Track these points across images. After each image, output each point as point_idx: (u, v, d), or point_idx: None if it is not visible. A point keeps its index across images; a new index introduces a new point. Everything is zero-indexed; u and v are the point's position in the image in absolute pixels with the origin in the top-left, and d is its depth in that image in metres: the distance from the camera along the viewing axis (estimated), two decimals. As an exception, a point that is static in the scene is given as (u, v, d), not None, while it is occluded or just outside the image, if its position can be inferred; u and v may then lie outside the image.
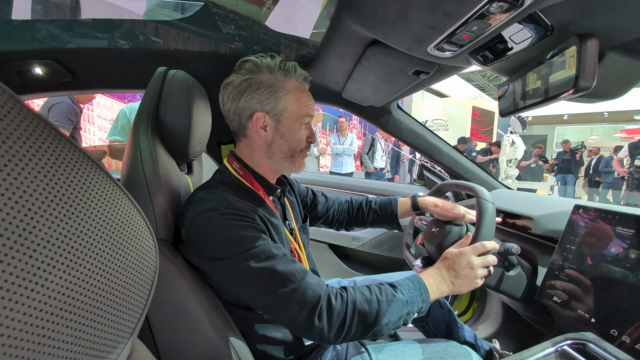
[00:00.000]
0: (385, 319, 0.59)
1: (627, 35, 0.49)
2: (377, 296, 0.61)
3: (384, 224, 1.08)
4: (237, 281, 0.60)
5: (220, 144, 1.30)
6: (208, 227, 0.61)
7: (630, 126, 11.17)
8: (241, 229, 0.61)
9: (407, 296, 0.63)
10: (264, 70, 0.70)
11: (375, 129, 4.62)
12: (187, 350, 0.62)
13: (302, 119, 0.72)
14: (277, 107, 0.69)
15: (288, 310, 0.57)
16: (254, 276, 0.58)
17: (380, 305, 0.60)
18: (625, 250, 0.63)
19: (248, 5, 1.16)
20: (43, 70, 1.07)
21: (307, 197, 1.04)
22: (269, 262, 0.58)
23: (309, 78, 0.75)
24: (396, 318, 0.61)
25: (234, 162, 0.75)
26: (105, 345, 0.29)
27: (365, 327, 0.59)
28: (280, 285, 0.57)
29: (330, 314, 0.57)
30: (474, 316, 1.48)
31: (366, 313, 0.59)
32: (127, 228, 0.32)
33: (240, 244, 0.59)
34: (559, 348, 0.63)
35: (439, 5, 0.52)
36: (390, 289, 0.63)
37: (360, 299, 0.60)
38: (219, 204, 0.62)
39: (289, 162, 0.74)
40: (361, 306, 0.59)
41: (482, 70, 1.77)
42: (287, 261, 0.60)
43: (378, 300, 0.60)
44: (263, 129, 0.71)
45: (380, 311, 0.59)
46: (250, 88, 0.69)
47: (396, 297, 0.62)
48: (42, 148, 0.24)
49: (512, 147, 5.88)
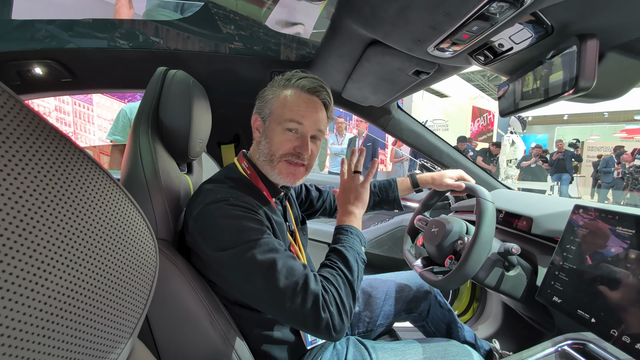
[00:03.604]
0: (354, 275, 0.66)
1: (627, 35, 0.49)
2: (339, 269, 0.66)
3: (385, 205, 1.14)
4: (241, 273, 0.60)
5: (220, 144, 1.30)
6: (216, 217, 0.62)
7: (630, 126, 11.16)
8: (247, 220, 0.62)
9: (348, 244, 0.70)
10: (273, 83, 0.76)
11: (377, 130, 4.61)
12: (187, 350, 0.62)
13: (285, 122, 0.71)
14: (265, 110, 0.74)
15: (292, 305, 0.58)
16: (258, 267, 0.58)
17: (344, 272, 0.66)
18: (625, 250, 0.63)
19: (248, 5, 1.16)
20: (43, 70, 1.07)
21: (301, 193, 1.05)
22: (272, 255, 0.60)
23: (309, 87, 0.72)
24: (356, 267, 0.67)
25: (244, 161, 0.77)
26: (105, 345, 0.29)
27: (353, 296, 0.64)
28: (283, 278, 0.58)
29: (332, 304, 0.60)
30: (474, 316, 1.48)
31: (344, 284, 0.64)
32: (127, 228, 0.32)
33: (246, 234, 0.61)
34: (559, 348, 0.63)
35: (439, 5, 0.52)
36: (334, 253, 0.70)
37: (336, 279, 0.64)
38: (228, 195, 0.65)
39: (269, 166, 0.73)
40: (340, 282, 0.64)
41: (482, 70, 1.77)
42: (288, 256, 0.62)
43: (341, 270, 0.66)
44: (257, 130, 0.76)
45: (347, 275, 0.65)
46: (259, 97, 0.78)
47: (345, 253, 0.68)
48: (42, 148, 0.24)
49: (512, 147, 5.88)
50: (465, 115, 10.31)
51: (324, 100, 0.74)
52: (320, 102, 0.74)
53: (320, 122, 0.73)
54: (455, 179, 1.04)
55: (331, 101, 0.76)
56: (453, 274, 0.82)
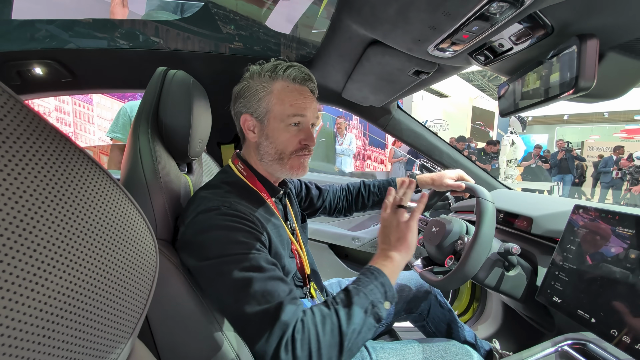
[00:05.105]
0: (352, 324, 0.54)
1: (627, 35, 0.49)
2: (334, 307, 0.56)
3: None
4: (215, 285, 0.57)
5: (220, 144, 1.30)
6: (205, 226, 0.60)
7: (630, 126, 11.16)
8: (237, 232, 0.59)
9: (361, 287, 0.59)
10: (254, 76, 0.72)
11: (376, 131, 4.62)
12: (187, 350, 0.62)
13: (288, 119, 0.69)
14: (259, 108, 0.71)
15: (257, 331, 0.52)
16: (231, 284, 0.55)
17: (339, 314, 0.55)
18: (625, 250, 0.63)
19: (248, 5, 1.16)
20: (43, 70, 1.07)
21: (301, 191, 1.05)
22: (251, 274, 0.55)
23: (300, 77, 0.71)
24: (362, 317, 0.56)
25: (239, 162, 0.76)
26: (105, 345, 0.29)
27: (337, 347, 0.53)
28: (254, 301, 0.53)
29: (294, 348, 0.51)
30: (474, 316, 1.48)
31: (330, 329, 0.53)
32: (127, 228, 0.32)
33: (230, 246, 0.58)
34: (559, 348, 0.63)
35: (439, 5, 0.52)
36: (342, 292, 0.59)
37: (319, 319, 0.54)
38: (221, 203, 0.62)
39: (278, 164, 0.72)
40: (322, 326, 0.54)
41: (482, 70, 1.77)
42: (271, 278, 0.56)
43: (335, 310, 0.55)
44: (252, 131, 0.73)
45: (340, 320, 0.54)
46: (241, 94, 0.73)
47: (351, 294, 0.58)
48: (42, 148, 0.24)
49: (512, 147, 5.88)
50: (465, 115, 10.31)
51: (312, 89, 0.75)
52: (310, 90, 0.74)
53: (316, 109, 0.74)
54: (455, 179, 1.04)
55: (317, 88, 0.77)
56: (453, 274, 0.82)
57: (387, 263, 0.64)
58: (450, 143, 1.69)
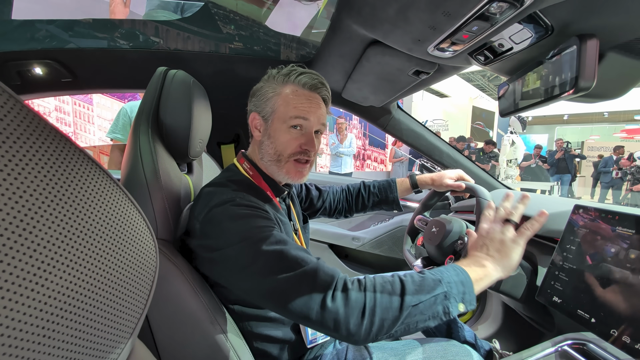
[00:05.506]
0: (415, 298, 0.52)
1: (627, 35, 0.49)
2: (399, 277, 0.55)
3: (385, 205, 1.13)
4: (248, 265, 0.57)
5: (220, 144, 1.30)
6: (223, 218, 0.61)
7: (630, 126, 11.16)
8: (254, 218, 0.61)
9: (438, 275, 0.55)
10: (269, 78, 0.74)
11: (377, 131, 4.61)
12: (187, 349, 0.62)
13: (290, 120, 0.70)
14: (266, 108, 0.72)
15: (298, 295, 0.52)
16: (264, 260, 0.56)
17: (405, 284, 0.53)
18: (625, 250, 0.63)
19: (248, 5, 1.16)
20: (43, 70, 1.07)
21: (301, 192, 1.05)
22: (279, 246, 0.57)
23: (310, 84, 0.71)
24: (430, 298, 0.52)
25: (245, 162, 0.76)
26: (105, 345, 0.29)
27: (392, 312, 0.51)
28: (289, 268, 0.54)
29: (346, 297, 0.51)
30: (474, 316, 1.48)
31: (389, 292, 0.52)
32: (127, 228, 0.32)
33: (252, 230, 0.59)
34: (559, 348, 0.63)
35: (439, 5, 0.52)
36: (415, 273, 0.57)
37: (380, 281, 0.54)
38: (234, 195, 0.64)
39: (276, 166, 0.73)
40: (382, 288, 0.52)
41: (482, 70, 1.77)
42: (297, 248, 0.58)
43: (401, 280, 0.54)
44: (258, 130, 0.75)
45: (405, 289, 0.52)
46: (254, 93, 0.75)
47: (424, 276, 0.55)
48: (42, 148, 0.24)
49: (512, 147, 5.88)
50: (465, 115, 10.31)
51: (324, 97, 0.75)
52: (321, 98, 0.74)
53: (323, 116, 0.74)
54: (454, 179, 1.04)
55: (330, 97, 0.76)
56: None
57: (477, 269, 0.60)
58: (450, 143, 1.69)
